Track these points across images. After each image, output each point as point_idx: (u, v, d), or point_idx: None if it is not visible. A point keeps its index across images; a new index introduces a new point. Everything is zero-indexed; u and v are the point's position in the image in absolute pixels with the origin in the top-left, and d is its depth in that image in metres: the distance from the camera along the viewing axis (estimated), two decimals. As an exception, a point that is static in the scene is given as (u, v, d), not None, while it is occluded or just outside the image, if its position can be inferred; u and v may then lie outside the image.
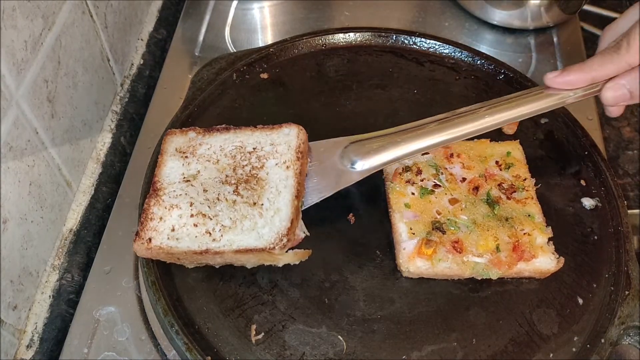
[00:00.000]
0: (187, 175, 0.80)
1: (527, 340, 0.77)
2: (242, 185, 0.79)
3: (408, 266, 0.80)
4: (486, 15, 1.23)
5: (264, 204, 0.77)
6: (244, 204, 0.77)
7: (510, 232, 0.81)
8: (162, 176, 0.81)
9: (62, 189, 0.92)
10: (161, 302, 0.76)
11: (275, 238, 0.74)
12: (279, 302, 0.78)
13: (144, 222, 0.77)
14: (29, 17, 0.79)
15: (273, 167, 0.80)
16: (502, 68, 1.04)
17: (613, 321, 0.77)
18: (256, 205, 0.77)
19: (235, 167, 0.80)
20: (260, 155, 0.81)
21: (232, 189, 0.78)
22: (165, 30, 1.26)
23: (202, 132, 0.85)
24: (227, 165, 0.81)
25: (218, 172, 0.80)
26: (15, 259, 0.80)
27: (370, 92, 1.03)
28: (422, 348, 0.76)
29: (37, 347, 0.85)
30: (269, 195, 0.78)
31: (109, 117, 1.07)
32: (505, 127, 0.97)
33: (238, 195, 0.78)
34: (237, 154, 0.82)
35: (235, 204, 0.77)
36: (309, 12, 1.27)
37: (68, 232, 0.94)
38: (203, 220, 0.76)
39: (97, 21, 0.99)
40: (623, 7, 1.35)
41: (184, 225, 0.76)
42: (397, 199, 0.85)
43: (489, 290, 0.81)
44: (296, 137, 0.83)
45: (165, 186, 0.79)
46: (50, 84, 0.86)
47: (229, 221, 0.76)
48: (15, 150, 0.78)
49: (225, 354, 0.74)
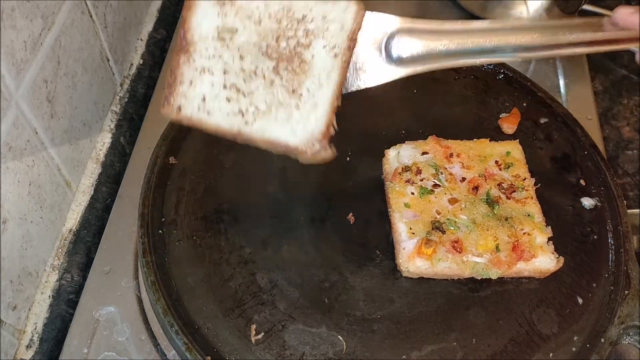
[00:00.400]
0: (223, 30, 0.65)
1: (527, 340, 0.77)
2: (284, 64, 0.66)
3: (408, 266, 0.80)
4: (485, 14, 1.23)
5: (303, 94, 0.66)
6: (282, 87, 0.66)
7: (509, 232, 0.81)
8: (193, 25, 0.65)
9: (61, 189, 0.92)
10: (161, 302, 0.76)
11: (309, 140, 0.67)
12: (279, 302, 0.78)
13: (173, 85, 0.65)
14: (28, 17, 0.79)
15: (320, 50, 0.66)
16: (501, 68, 1.04)
17: (613, 321, 0.77)
18: (295, 94, 0.66)
19: (279, 36, 0.66)
20: (309, 30, 0.66)
21: (272, 65, 0.66)
22: (165, 30, 1.26)
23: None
24: (269, 31, 0.66)
25: (259, 36, 0.66)
26: (14, 259, 0.80)
27: (370, 92, 1.02)
28: (422, 348, 0.76)
29: (37, 347, 0.85)
30: (310, 84, 0.66)
31: (109, 117, 1.07)
32: (504, 126, 0.97)
33: (277, 75, 0.66)
34: (283, 18, 0.66)
35: (272, 85, 0.66)
36: (309, 12, 1.27)
37: (68, 232, 0.94)
38: (237, 96, 0.66)
39: (96, 21, 0.99)
40: (622, 7, 1.35)
41: (216, 97, 0.66)
42: (396, 198, 0.85)
43: (488, 290, 0.81)
44: (353, 19, 0.66)
45: (197, 40, 0.65)
46: (49, 84, 0.86)
47: (264, 105, 0.66)
48: (14, 150, 0.78)
49: (225, 354, 0.74)
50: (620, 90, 1.21)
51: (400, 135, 0.96)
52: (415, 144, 0.91)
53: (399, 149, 0.90)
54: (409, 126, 0.97)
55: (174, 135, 0.92)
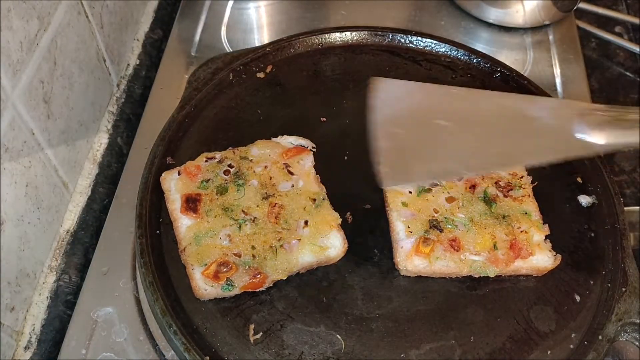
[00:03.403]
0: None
1: (525, 337, 0.77)
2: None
3: (406, 264, 0.80)
4: (482, 13, 1.24)
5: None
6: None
7: (507, 230, 0.81)
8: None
9: (58, 190, 0.92)
10: (159, 303, 0.76)
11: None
12: (277, 301, 0.78)
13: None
14: (24, 17, 0.78)
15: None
16: (498, 66, 1.05)
17: (610, 318, 0.78)
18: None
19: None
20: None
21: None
22: (162, 30, 1.26)
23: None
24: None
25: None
26: (12, 260, 0.80)
27: (367, 91, 1.02)
28: (421, 346, 0.76)
29: (35, 348, 0.84)
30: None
31: (106, 118, 1.07)
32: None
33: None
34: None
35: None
36: (305, 12, 1.27)
37: (65, 233, 0.94)
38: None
39: (92, 21, 0.99)
40: (618, 6, 1.35)
41: None
42: (394, 197, 0.85)
43: (486, 288, 0.81)
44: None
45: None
46: (46, 85, 0.85)
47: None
48: (11, 151, 0.78)
49: (224, 353, 0.74)
50: (616, 88, 1.21)
51: (398, 134, 0.96)
52: (412, 143, 0.91)
53: (396, 148, 0.90)
54: (406, 125, 0.97)
55: (171, 136, 0.92)
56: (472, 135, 0.75)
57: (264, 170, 0.86)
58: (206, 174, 0.86)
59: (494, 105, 0.77)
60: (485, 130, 0.75)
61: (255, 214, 0.82)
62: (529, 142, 0.73)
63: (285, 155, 0.88)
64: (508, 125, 0.74)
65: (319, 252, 0.80)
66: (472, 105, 0.77)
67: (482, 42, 1.23)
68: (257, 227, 0.81)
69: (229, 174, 0.86)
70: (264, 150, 0.89)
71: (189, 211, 0.82)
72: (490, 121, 0.76)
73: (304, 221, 0.82)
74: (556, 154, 0.73)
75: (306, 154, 0.89)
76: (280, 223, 0.81)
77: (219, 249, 0.79)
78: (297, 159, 0.88)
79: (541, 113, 0.74)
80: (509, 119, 0.75)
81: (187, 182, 0.85)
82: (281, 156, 0.88)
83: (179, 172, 0.86)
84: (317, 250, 0.80)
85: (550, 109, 0.74)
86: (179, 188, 0.84)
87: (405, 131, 0.76)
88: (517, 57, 1.21)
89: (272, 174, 0.86)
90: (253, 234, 0.80)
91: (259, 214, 0.82)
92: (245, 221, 0.81)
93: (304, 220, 0.82)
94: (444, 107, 0.78)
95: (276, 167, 0.87)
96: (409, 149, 0.77)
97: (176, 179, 0.85)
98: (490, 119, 0.76)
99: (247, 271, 0.77)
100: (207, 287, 0.77)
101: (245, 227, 0.81)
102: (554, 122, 0.73)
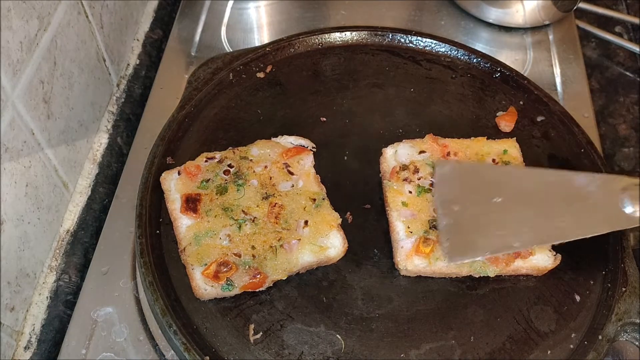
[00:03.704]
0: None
1: (525, 337, 0.77)
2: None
3: (406, 264, 0.80)
4: (482, 13, 1.23)
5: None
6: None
7: (507, 230, 0.81)
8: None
9: (58, 189, 0.92)
10: (159, 303, 0.76)
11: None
12: (277, 301, 0.78)
13: None
14: (24, 17, 0.78)
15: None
16: (498, 66, 1.05)
17: (610, 318, 0.78)
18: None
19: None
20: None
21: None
22: (161, 30, 1.26)
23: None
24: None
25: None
26: (12, 260, 0.80)
27: (367, 91, 1.03)
28: (421, 346, 0.76)
29: (35, 348, 0.84)
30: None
31: (105, 118, 1.07)
32: (501, 124, 0.97)
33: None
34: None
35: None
36: (305, 11, 1.27)
37: (65, 233, 0.94)
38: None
39: (92, 21, 0.99)
40: (618, 6, 1.35)
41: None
42: (394, 197, 0.85)
43: (486, 288, 0.81)
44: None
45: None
46: (46, 85, 0.85)
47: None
48: (11, 151, 0.78)
49: (224, 353, 0.74)
50: (616, 88, 1.21)
51: (398, 134, 0.96)
52: (412, 143, 0.91)
53: (396, 147, 0.91)
54: (406, 125, 0.97)
55: (171, 136, 0.92)
56: (527, 211, 0.80)
57: (264, 170, 0.86)
58: (206, 174, 0.86)
59: (547, 182, 0.82)
60: (538, 206, 0.80)
61: (255, 213, 0.82)
62: (580, 217, 0.78)
63: (285, 155, 0.88)
64: (560, 202, 0.80)
65: (319, 252, 0.80)
66: (526, 183, 0.83)
67: (482, 42, 1.23)
68: (257, 227, 0.81)
69: (229, 174, 0.86)
70: (264, 150, 0.89)
71: (189, 211, 0.82)
72: (543, 198, 0.81)
73: (304, 221, 0.82)
74: (605, 227, 0.78)
75: (306, 154, 0.89)
76: (280, 223, 0.81)
77: (218, 249, 0.79)
78: (297, 159, 0.88)
79: (589, 189, 0.79)
80: (561, 196, 0.80)
81: (187, 182, 0.85)
82: (281, 156, 0.88)
83: (179, 172, 0.86)
84: (317, 250, 0.80)
85: (597, 185, 0.79)
86: (178, 188, 0.84)
87: (465, 209, 0.81)
88: (517, 57, 1.21)
89: (272, 174, 0.86)
90: (253, 234, 0.80)
91: (259, 214, 0.82)
92: (245, 221, 0.81)
93: (304, 220, 0.82)
94: (500, 186, 0.83)
95: (276, 167, 0.87)
96: (469, 225, 0.81)
97: (176, 178, 0.85)
98: (542, 195, 0.81)
99: (247, 271, 0.77)
100: (207, 287, 0.77)
101: (245, 227, 0.81)
102: (602, 197, 0.78)
